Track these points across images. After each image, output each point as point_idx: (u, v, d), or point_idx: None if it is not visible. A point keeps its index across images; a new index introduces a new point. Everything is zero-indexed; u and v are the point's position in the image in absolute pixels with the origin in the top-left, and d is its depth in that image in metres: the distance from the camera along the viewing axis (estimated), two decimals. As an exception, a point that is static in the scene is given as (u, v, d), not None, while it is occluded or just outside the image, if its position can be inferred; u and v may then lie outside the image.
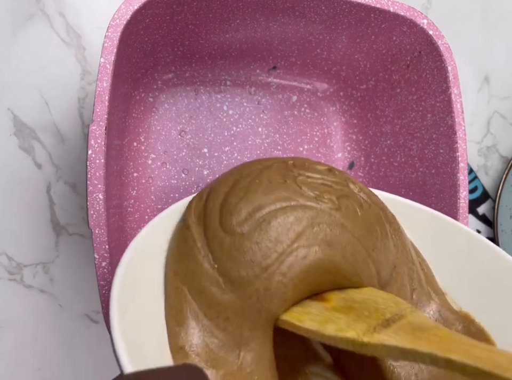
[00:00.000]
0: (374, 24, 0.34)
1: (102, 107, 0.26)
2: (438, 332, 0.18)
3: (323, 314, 0.20)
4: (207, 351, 0.20)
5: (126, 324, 0.17)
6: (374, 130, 0.42)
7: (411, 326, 0.18)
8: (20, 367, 0.36)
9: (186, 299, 0.21)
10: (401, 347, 0.16)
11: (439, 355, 0.16)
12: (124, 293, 0.19)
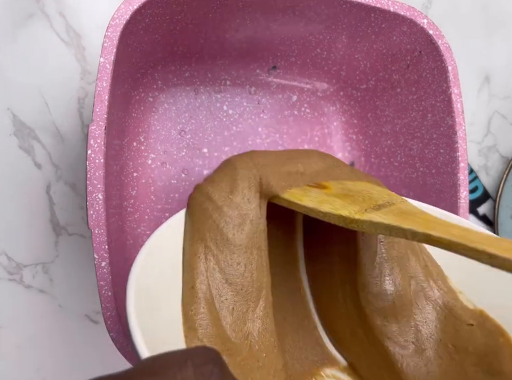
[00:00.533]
0: (374, 24, 0.34)
1: (101, 106, 0.26)
2: (422, 216, 0.20)
3: (321, 197, 0.22)
4: (218, 333, 0.21)
5: (141, 310, 0.18)
6: (374, 130, 0.42)
7: (399, 211, 0.21)
8: (20, 367, 0.36)
9: (201, 260, 0.23)
10: (386, 223, 0.19)
11: (419, 231, 0.18)
12: (141, 283, 0.19)
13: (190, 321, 0.21)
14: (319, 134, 0.43)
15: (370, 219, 0.20)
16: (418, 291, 0.26)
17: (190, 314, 0.21)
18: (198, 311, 0.22)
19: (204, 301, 0.22)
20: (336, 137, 0.43)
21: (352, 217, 0.20)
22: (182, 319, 0.21)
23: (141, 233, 0.36)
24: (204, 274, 0.23)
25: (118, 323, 0.27)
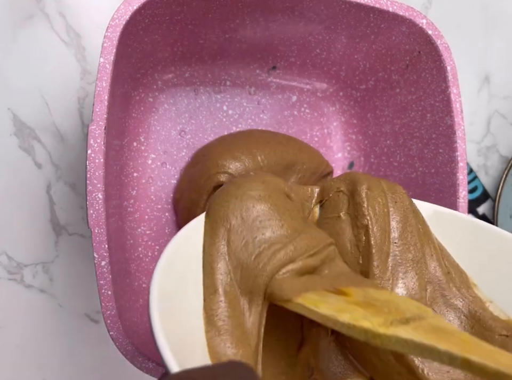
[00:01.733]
0: (373, 24, 0.34)
1: (101, 106, 0.26)
2: (461, 336, 0.17)
3: (341, 305, 0.20)
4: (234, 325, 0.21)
5: (166, 319, 0.18)
6: (374, 130, 0.42)
7: (432, 327, 0.18)
8: (20, 367, 0.36)
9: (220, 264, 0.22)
10: (417, 341, 0.16)
11: (457, 354, 0.15)
12: (163, 292, 0.19)
13: (211, 324, 0.21)
14: (318, 134, 0.43)
15: (397, 334, 0.17)
16: (436, 297, 0.26)
17: (212, 318, 0.21)
18: (219, 312, 0.21)
19: (226, 303, 0.22)
20: (335, 138, 0.43)
21: (375, 331, 0.17)
22: (204, 323, 0.21)
23: (141, 233, 0.37)
24: (225, 274, 0.22)
25: (118, 322, 0.27)
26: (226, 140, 0.38)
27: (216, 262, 0.23)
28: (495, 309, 0.25)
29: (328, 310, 0.19)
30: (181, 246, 0.22)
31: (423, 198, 0.37)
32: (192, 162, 0.38)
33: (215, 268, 0.22)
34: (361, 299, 0.21)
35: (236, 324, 0.22)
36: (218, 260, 0.23)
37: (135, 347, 0.27)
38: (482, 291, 0.26)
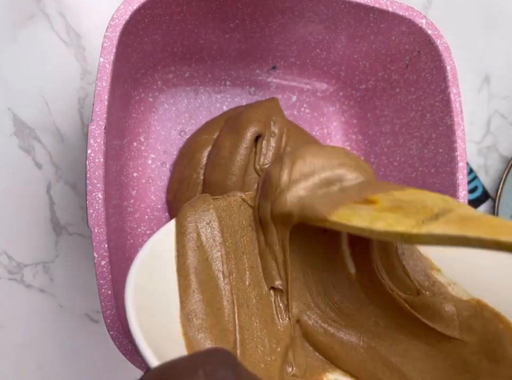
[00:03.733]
0: (373, 24, 0.34)
1: (101, 106, 0.26)
2: (486, 219, 0.18)
3: (372, 214, 0.20)
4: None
5: (143, 319, 0.18)
6: (374, 130, 0.42)
7: (460, 217, 0.19)
8: (20, 367, 0.36)
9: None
10: (449, 235, 0.17)
11: (487, 238, 0.16)
12: (138, 289, 0.19)
13: (190, 323, 0.21)
14: (318, 134, 0.43)
15: (430, 231, 0.18)
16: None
17: (190, 317, 0.21)
18: (197, 311, 0.22)
19: (204, 302, 0.22)
20: (335, 138, 0.43)
21: (410, 232, 0.18)
22: (181, 323, 0.21)
23: (141, 233, 0.37)
24: (196, 267, 0.23)
25: (117, 322, 0.27)
26: (210, 127, 0.38)
27: (190, 262, 0.23)
28: (459, 291, 0.26)
29: (362, 222, 0.20)
30: (155, 249, 0.22)
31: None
32: (179, 156, 0.38)
33: (189, 268, 0.23)
34: (389, 204, 0.21)
35: (214, 322, 0.22)
36: (192, 260, 0.23)
37: (135, 346, 0.27)
38: (446, 274, 0.27)
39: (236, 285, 0.25)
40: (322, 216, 0.21)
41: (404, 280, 0.27)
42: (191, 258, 0.23)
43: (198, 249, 0.24)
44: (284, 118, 0.38)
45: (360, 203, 0.22)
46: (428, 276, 0.27)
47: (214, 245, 0.25)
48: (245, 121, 0.35)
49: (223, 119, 0.37)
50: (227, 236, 0.26)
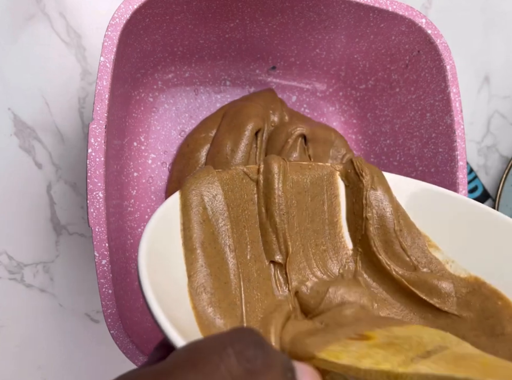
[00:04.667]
0: (373, 23, 0.34)
1: (101, 105, 0.26)
2: (481, 359, 0.18)
3: (362, 350, 0.20)
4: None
5: (155, 289, 0.18)
6: (374, 130, 0.42)
7: (453, 356, 0.18)
8: (20, 366, 0.36)
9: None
10: (437, 374, 0.16)
11: (475, 379, 0.15)
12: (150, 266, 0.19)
13: (198, 298, 0.21)
14: (318, 134, 0.43)
15: (416, 371, 0.17)
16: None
17: (199, 291, 0.22)
18: (206, 285, 0.22)
19: (212, 276, 0.22)
20: (335, 137, 0.43)
21: (395, 371, 0.17)
22: (190, 298, 0.21)
23: (141, 233, 0.37)
24: (208, 246, 0.23)
25: (118, 321, 0.27)
26: (208, 125, 0.38)
27: (196, 236, 0.23)
28: (457, 269, 0.27)
29: (349, 359, 0.19)
30: (160, 223, 0.22)
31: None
32: (178, 156, 0.38)
33: (196, 242, 0.23)
34: (384, 340, 0.21)
35: (222, 296, 0.22)
36: (199, 234, 0.23)
37: (136, 346, 0.27)
38: (444, 252, 0.28)
39: (238, 259, 0.25)
40: (311, 353, 0.20)
41: (401, 257, 0.27)
42: (197, 232, 0.23)
43: (204, 223, 0.24)
44: (283, 106, 0.39)
45: (355, 339, 0.21)
46: (425, 253, 0.28)
47: (220, 218, 0.24)
48: (243, 117, 0.35)
49: (219, 115, 0.38)
50: (230, 210, 0.25)
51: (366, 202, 0.28)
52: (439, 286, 0.26)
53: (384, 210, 0.28)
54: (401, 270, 0.27)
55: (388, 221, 0.28)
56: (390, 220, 0.28)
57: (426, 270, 0.27)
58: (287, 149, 0.36)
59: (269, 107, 0.37)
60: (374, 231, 0.28)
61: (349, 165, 0.29)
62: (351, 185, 0.29)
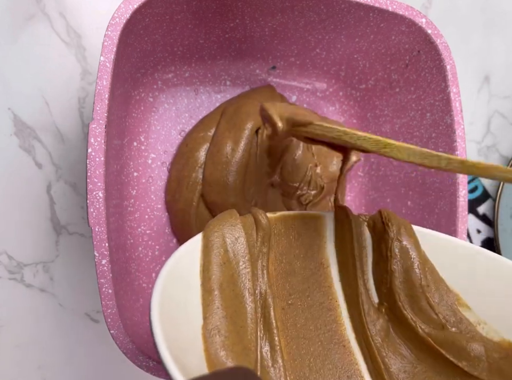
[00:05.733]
0: (373, 23, 0.34)
1: (101, 105, 0.26)
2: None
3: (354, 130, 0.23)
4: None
5: (165, 327, 0.18)
6: (374, 129, 0.42)
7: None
8: (20, 366, 0.36)
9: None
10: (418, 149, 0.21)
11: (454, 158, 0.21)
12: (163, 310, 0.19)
13: (212, 340, 0.21)
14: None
15: (401, 144, 0.21)
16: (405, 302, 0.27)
17: (213, 333, 0.21)
18: (220, 328, 0.21)
19: (227, 318, 0.22)
20: (335, 137, 0.43)
21: (386, 141, 0.21)
22: (203, 340, 0.21)
23: (141, 232, 0.37)
24: (226, 289, 0.23)
25: (118, 321, 0.27)
26: (205, 123, 0.38)
27: (215, 277, 0.23)
28: (489, 331, 0.25)
29: (344, 129, 0.23)
30: (180, 262, 0.22)
31: (423, 197, 0.37)
32: (177, 155, 0.38)
33: (214, 283, 0.22)
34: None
35: (236, 340, 0.22)
36: (218, 276, 0.23)
37: (136, 345, 0.27)
38: (476, 313, 0.26)
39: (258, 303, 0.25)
40: (309, 121, 0.23)
41: (427, 313, 0.26)
42: (216, 273, 0.23)
43: (225, 265, 0.23)
44: (283, 101, 0.38)
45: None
46: (454, 311, 0.26)
47: (241, 261, 0.24)
48: (243, 115, 0.35)
49: (218, 113, 0.38)
50: (252, 253, 0.25)
51: (391, 254, 0.27)
52: (469, 348, 0.24)
53: (410, 263, 0.27)
54: (428, 328, 0.25)
55: (414, 275, 0.26)
56: (416, 274, 0.26)
57: (455, 330, 0.25)
58: (290, 148, 0.36)
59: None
60: (399, 285, 0.26)
61: (376, 216, 0.28)
62: (377, 237, 0.28)
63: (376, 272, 0.28)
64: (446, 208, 0.35)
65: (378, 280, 0.28)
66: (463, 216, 0.34)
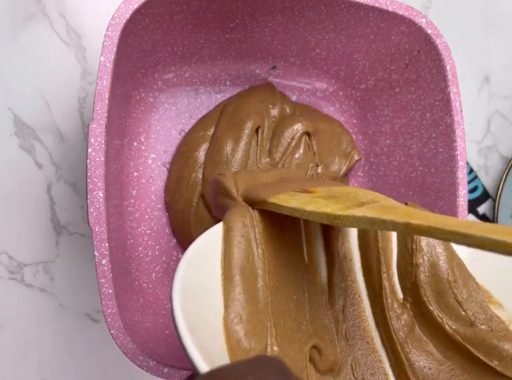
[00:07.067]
0: (373, 23, 0.34)
1: (102, 105, 0.26)
2: (405, 209, 0.20)
3: (307, 199, 0.23)
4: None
5: (187, 316, 0.17)
6: (374, 129, 0.42)
7: (382, 206, 0.21)
8: (21, 366, 0.36)
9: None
10: (368, 217, 0.19)
11: (399, 221, 0.18)
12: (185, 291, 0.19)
13: (232, 330, 0.20)
14: (318, 134, 0.43)
15: (352, 213, 0.20)
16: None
17: (234, 323, 0.21)
18: (236, 305, 0.21)
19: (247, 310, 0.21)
20: (335, 137, 0.43)
21: (335, 213, 0.20)
22: (224, 331, 0.20)
23: (141, 232, 0.37)
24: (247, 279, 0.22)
25: (118, 321, 0.27)
26: (204, 123, 0.38)
27: (235, 262, 0.22)
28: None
29: (296, 203, 0.22)
30: (201, 249, 0.22)
31: (423, 197, 0.37)
32: (176, 155, 0.38)
33: (235, 268, 0.22)
34: (325, 194, 0.24)
35: (257, 321, 0.22)
36: (238, 260, 0.22)
37: (136, 345, 0.27)
38: (509, 311, 0.25)
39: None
40: (262, 198, 0.24)
41: (455, 310, 0.25)
42: (237, 258, 0.23)
43: (244, 249, 0.23)
44: (284, 99, 0.38)
45: (300, 192, 0.25)
46: (484, 309, 0.25)
47: (255, 245, 0.24)
48: (242, 115, 0.35)
49: (217, 112, 0.38)
50: (269, 239, 0.25)
51: (416, 247, 0.26)
52: (500, 347, 0.23)
53: (437, 257, 0.26)
54: (455, 325, 0.25)
55: (441, 270, 0.26)
56: (443, 269, 0.26)
57: (485, 327, 0.24)
58: (290, 149, 0.36)
59: (268, 101, 0.37)
60: (425, 279, 0.26)
61: None
62: None
63: (401, 266, 0.27)
64: (446, 208, 0.35)
65: (403, 275, 0.27)
66: (463, 217, 0.34)
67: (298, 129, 0.36)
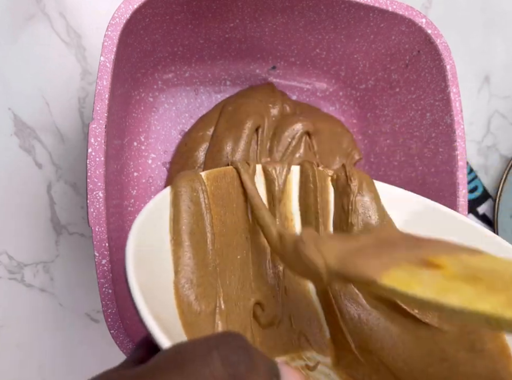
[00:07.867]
0: (373, 23, 0.34)
1: (102, 105, 0.26)
2: None
3: (440, 282, 0.16)
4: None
5: (142, 285, 0.18)
6: (374, 129, 0.42)
7: None
8: (20, 366, 0.36)
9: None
10: None
11: None
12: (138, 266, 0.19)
13: (183, 296, 0.21)
14: (318, 134, 0.43)
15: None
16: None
17: (183, 289, 0.22)
18: (186, 270, 0.22)
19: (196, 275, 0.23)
20: (335, 137, 0.43)
21: (501, 315, 0.13)
22: (175, 297, 0.21)
23: (141, 232, 0.36)
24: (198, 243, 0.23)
25: (118, 321, 0.27)
26: (205, 122, 0.38)
27: (185, 228, 0.23)
28: None
29: (427, 292, 0.15)
30: (150, 214, 0.22)
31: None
32: (176, 155, 0.38)
33: (184, 234, 0.23)
34: (462, 272, 0.16)
35: (207, 283, 0.23)
36: (187, 225, 0.23)
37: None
38: None
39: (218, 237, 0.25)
40: (370, 278, 0.17)
41: None
42: (186, 223, 0.23)
43: (193, 214, 0.24)
44: (284, 98, 0.38)
45: (420, 265, 0.17)
46: None
47: (205, 210, 0.25)
48: (242, 115, 0.35)
49: (217, 112, 0.38)
50: (217, 202, 0.26)
51: (351, 208, 0.28)
52: None
53: (369, 218, 0.28)
54: None
55: (373, 229, 0.28)
56: (374, 228, 0.28)
57: None
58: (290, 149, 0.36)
59: (268, 100, 0.37)
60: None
61: (340, 170, 0.29)
62: (339, 190, 0.29)
63: (337, 226, 0.29)
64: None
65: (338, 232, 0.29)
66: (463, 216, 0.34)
67: (299, 129, 0.36)
